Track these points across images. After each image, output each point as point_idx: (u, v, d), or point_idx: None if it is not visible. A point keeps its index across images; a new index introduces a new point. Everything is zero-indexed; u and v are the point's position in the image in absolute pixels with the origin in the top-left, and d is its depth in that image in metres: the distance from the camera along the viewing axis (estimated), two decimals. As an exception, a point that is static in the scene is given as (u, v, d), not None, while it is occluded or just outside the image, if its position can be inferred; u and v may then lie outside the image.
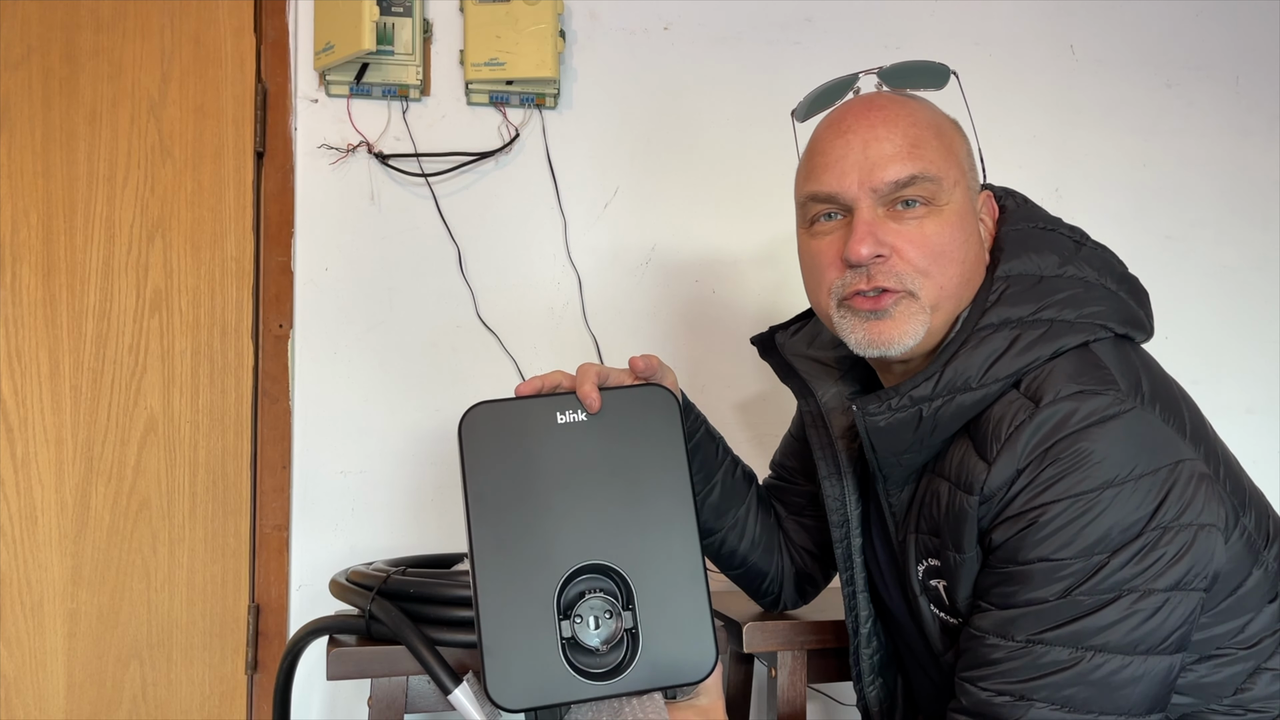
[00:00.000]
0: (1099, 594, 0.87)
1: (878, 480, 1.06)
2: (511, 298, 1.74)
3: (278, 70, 1.69)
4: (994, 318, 0.96)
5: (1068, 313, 0.96)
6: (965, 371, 0.95)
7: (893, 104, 1.02)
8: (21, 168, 1.62)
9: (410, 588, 1.17)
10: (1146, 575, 0.87)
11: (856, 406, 0.99)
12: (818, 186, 1.01)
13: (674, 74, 1.81)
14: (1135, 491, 0.88)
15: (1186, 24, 2.01)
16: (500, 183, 1.74)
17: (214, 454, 1.66)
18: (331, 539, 1.66)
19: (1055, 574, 0.89)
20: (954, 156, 1.01)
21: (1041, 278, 0.99)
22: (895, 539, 1.07)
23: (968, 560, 0.96)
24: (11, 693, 1.58)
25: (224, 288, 1.67)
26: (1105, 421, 0.90)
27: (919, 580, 1.03)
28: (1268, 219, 2.01)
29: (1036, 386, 0.93)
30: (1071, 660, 0.87)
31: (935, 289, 0.98)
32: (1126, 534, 0.88)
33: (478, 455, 1.06)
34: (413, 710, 1.24)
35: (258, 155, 1.69)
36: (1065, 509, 0.88)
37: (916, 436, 0.98)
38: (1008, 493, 0.91)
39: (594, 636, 0.94)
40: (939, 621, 1.02)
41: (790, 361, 1.19)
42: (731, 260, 1.81)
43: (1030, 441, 0.91)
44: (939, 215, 0.98)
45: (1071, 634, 0.88)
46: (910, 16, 1.89)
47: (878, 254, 0.97)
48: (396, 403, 1.69)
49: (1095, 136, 1.95)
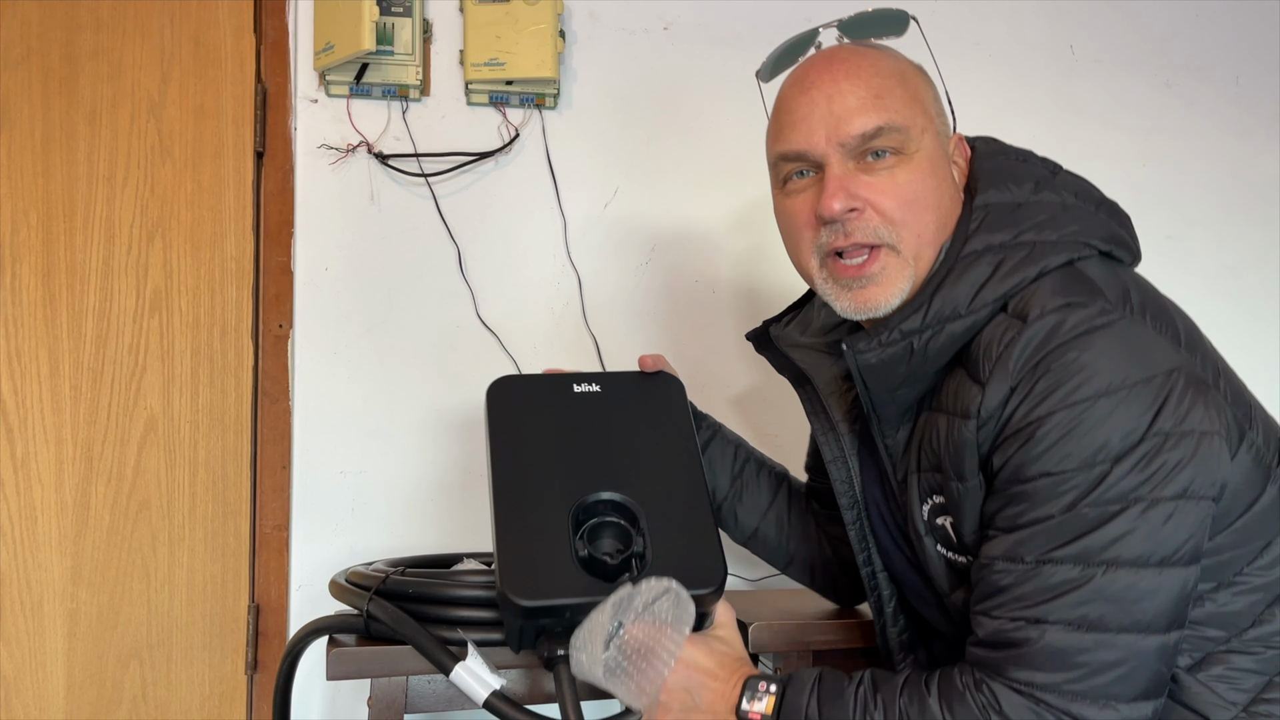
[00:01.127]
0: (1104, 505, 0.86)
1: (872, 422, 1.05)
2: (511, 298, 1.74)
3: (278, 70, 1.69)
4: (976, 245, 0.97)
5: (1048, 234, 0.97)
6: (953, 300, 0.95)
7: (854, 55, 1.02)
8: (21, 168, 1.62)
9: (409, 588, 1.17)
10: (1151, 483, 0.86)
11: (847, 345, 0.99)
12: (786, 145, 1.02)
13: (674, 74, 1.81)
14: (1130, 399, 0.87)
15: (1186, 24, 2.01)
16: (500, 183, 1.74)
17: (214, 454, 1.66)
18: (331, 539, 1.66)
19: (1058, 488, 0.88)
20: (920, 103, 1.02)
21: (1019, 204, 0.99)
22: (894, 479, 1.06)
23: (970, 489, 0.95)
24: (11, 693, 1.58)
25: (224, 288, 1.67)
26: (1094, 331, 0.90)
27: (924, 521, 1.02)
28: (1268, 219, 2.01)
29: (1023, 305, 0.93)
30: (1083, 578, 0.86)
31: (913, 238, 0.98)
32: (1126, 441, 0.87)
33: (501, 413, 1.12)
34: (413, 710, 1.24)
35: (258, 155, 1.69)
36: (1062, 420, 0.88)
37: (909, 370, 0.98)
38: (1003, 412, 0.91)
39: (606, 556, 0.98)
40: (945, 561, 1.01)
41: (785, 353, 1.20)
42: (732, 260, 1.81)
43: (1021, 357, 0.90)
44: (909, 163, 0.99)
45: (1080, 550, 0.87)
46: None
47: (851, 207, 0.97)
48: (396, 403, 1.69)
49: (1095, 136, 1.95)
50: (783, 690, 0.95)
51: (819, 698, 0.94)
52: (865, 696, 0.93)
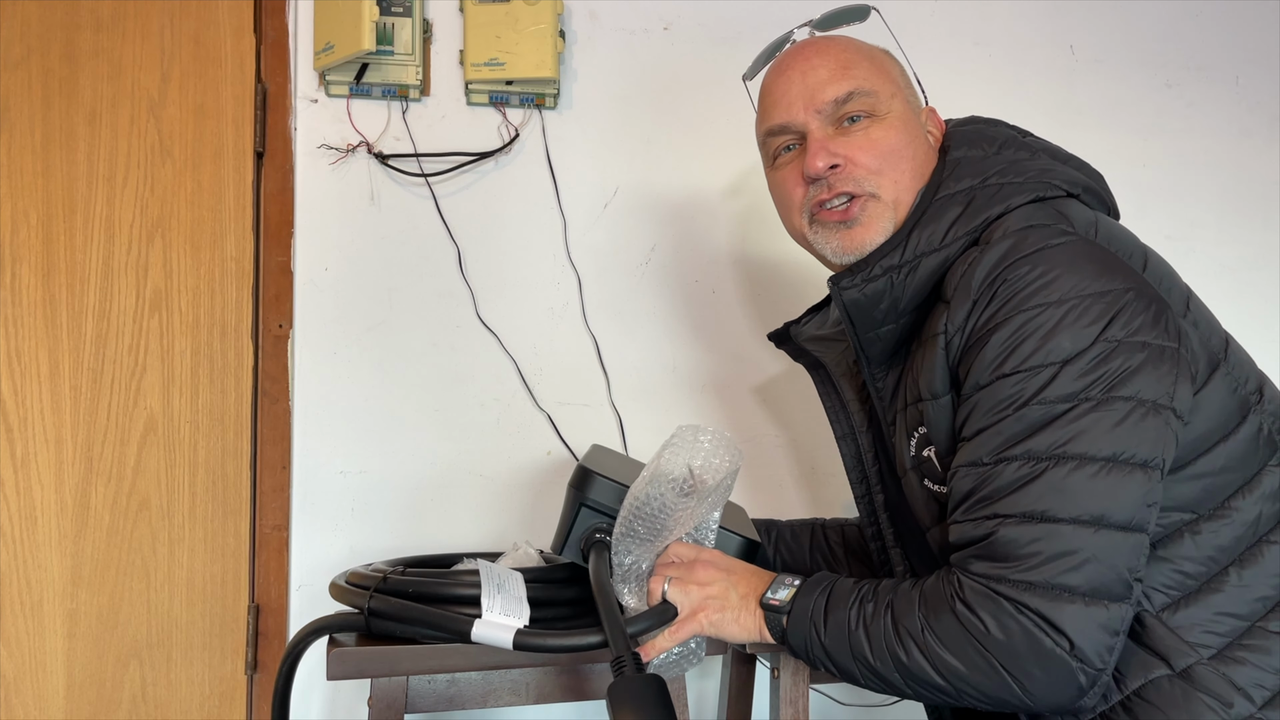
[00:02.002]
0: (1051, 404, 0.91)
1: (863, 366, 1.13)
2: (511, 298, 1.74)
3: (277, 70, 1.69)
4: (949, 188, 1.06)
5: (1013, 176, 1.05)
6: (929, 236, 1.04)
7: (823, 40, 1.16)
8: (21, 168, 1.62)
9: (409, 587, 1.17)
10: (1099, 385, 0.91)
11: (830, 282, 1.08)
12: (771, 121, 1.13)
13: (674, 74, 1.81)
14: (1083, 308, 0.93)
15: (1186, 24, 2.01)
16: (500, 183, 1.74)
17: (214, 454, 1.66)
18: (331, 539, 1.66)
19: (1009, 390, 0.93)
20: (886, 73, 1.12)
21: (989, 156, 1.08)
22: (885, 423, 1.13)
23: (942, 406, 1.01)
24: (11, 693, 1.57)
25: (224, 288, 1.67)
26: (1051, 248, 0.96)
27: (912, 457, 1.08)
28: (1268, 219, 2.01)
29: (990, 232, 1.01)
30: (1033, 472, 0.91)
31: (892, 185, 1.07)
32: (1076, 345, 0.92)
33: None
34: (413, 710, 1.24)
35: (258, 155, 1.69)
36: (1014, 324, 0.93)
37: (890, 303, 1.05)
38: (967, 323, 0.98)
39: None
40: (929, 494, 1.06)
41: (803, 346, 1.29)
42: (732, 260, 1.81)
43: (981, 273, 0.97)
44: (883, 122, 1.09)
45: (1030, 447, 0.91)
46: (910, 16, 1.89)
47: (833, 164, 1.07)
48: (396, 403, 1.69)
49: (1095, 136, 1.95)
50: (802, 583, 1.04)
51: (831, 591, 1.02)
52: (867, 590, 1.00)
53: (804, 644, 1.01)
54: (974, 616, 0.91)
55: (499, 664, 1.21)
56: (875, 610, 0.97)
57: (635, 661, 1.00)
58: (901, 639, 0.95)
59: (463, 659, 1.18)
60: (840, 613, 0.99)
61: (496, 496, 1.71)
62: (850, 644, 0.98)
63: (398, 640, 1.19)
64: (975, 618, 0.91)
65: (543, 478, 1.73)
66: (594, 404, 1.75)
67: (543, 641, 1.07)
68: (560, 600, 1.22)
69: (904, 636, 0.95)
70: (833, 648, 0.99)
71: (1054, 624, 0.88)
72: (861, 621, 0.98)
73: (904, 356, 1.10)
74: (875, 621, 0.97)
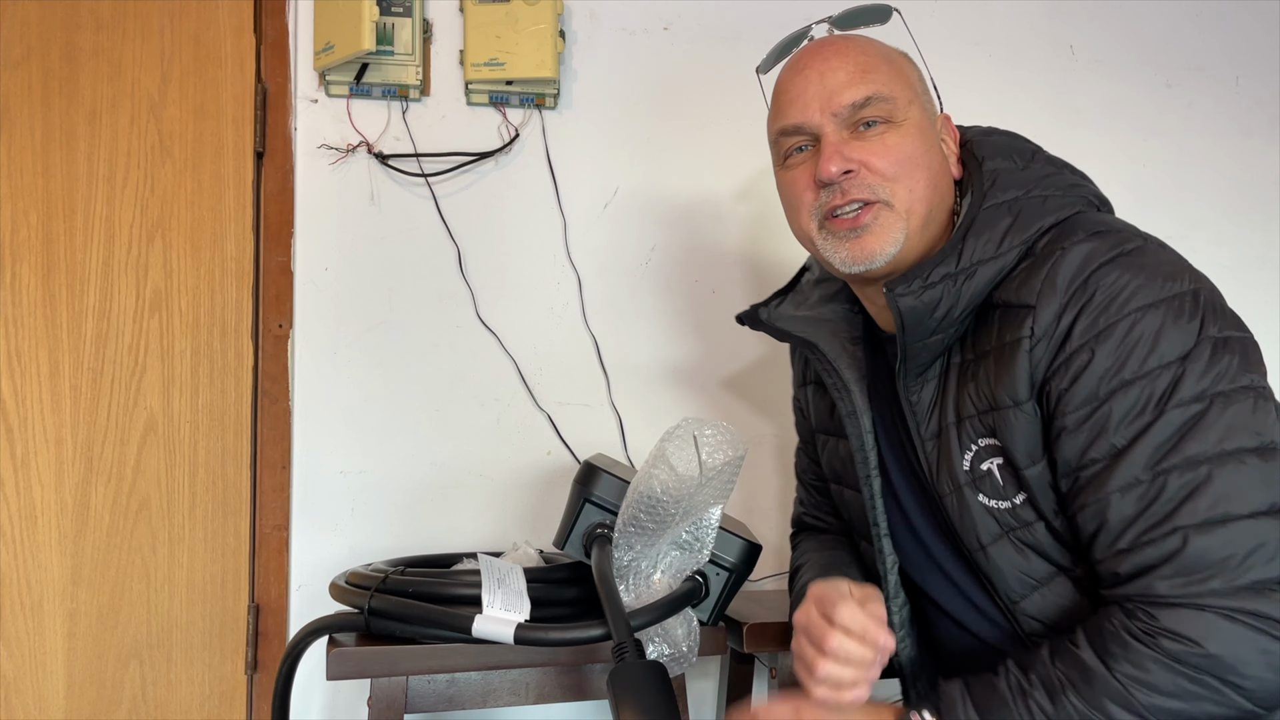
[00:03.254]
0: (1188, 405, 0.91)
1: (899, 376, 1.09)
2: (511, 298, 1.74)
3: (278, 70, 1.69)
4: (995, 198, 1.05)
5: (1053, 190, 1.06)
6: (985, 244, 1.02)
7: (843, 40, 1.13)
8: (21, 168, 1.62)
9: (409, 587, 1.17)
10: (1224, 379, 0.91)
11: (886, 288, 1.04)
12: (785, 120, 1.10)
13: (674, 74, 1.81)
14: (1176, 307, 0.93)
15: (1186, 24, 2.01)
16: (500, 183, 1.74)
17: (214, 454, 1.66)
18: (331, 539, 1.66)
19: (1138, 395, 0.92)
20: (905, 78, 1.10)
21: (1024, 167, 1.08)
22: (919, 436, 1.09)
23: (1025, 413, 0.98)
24: (11, 693, 1.57)
25: (224, 288, 1.67)
26: (1129, 253, 0.97)
27: (966, 471, 1.04)
28: (1268, 219, 2.01)
29: (1052, 240, 1.01)
30: (1198, 477, 0.89)
31: (906, 194, 1.05)
32: (1186, 343, 0.92)
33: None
34: (413, 710, 1.24)
35: (258, 155, 1.69)
36: (1123, 332, 0.93)
37: (945, 311, 1.03)
38: (1058, 326, 0.96)
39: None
40: (986, 510, 1.03)
41: (782, 328, 1.24)
42: (732, 260, 1.81)
43: (1066, 275, 0.96)
44: (899, 129, 1.06)
45: (1186, 455, 0.90)
46: (910, 16, 1.88)
47: (846, 169, 1.05)
48: (396, 403, 1.69)
49: (1095, 136, 1.95)
50: (937, 711, 0.96)
51: (974, 702, 0.95)
52: (1018, 683, 0.94)
53: None
54: (1183, 643, 0.87)
55: (499, 664, 1.21)
56: (1050, 695, 0.91)
57: (637, 648, 0.99)
58: (1104, 709, 0.89)
59: (462, 659, 1.18)
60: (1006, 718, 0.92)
61: (496, 496, 1.71)
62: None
63: (398, 640, 1.19)
64: (1185, 643, 0.87)
65: (543, 478, 1.73)
66: (594, 404, 1.75)
67: (544, 635, 1.07)
68: (560, 599, 1.22)
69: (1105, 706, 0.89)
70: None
71: (1273, 618, 0.86)
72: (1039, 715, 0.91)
73: (941, 369, 1.08)
74: (1059, 707, 0.90)
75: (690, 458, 1.10)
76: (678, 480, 1.09)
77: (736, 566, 1.24)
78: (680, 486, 1.09)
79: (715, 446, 1.12)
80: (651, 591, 1.16)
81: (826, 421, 1.29)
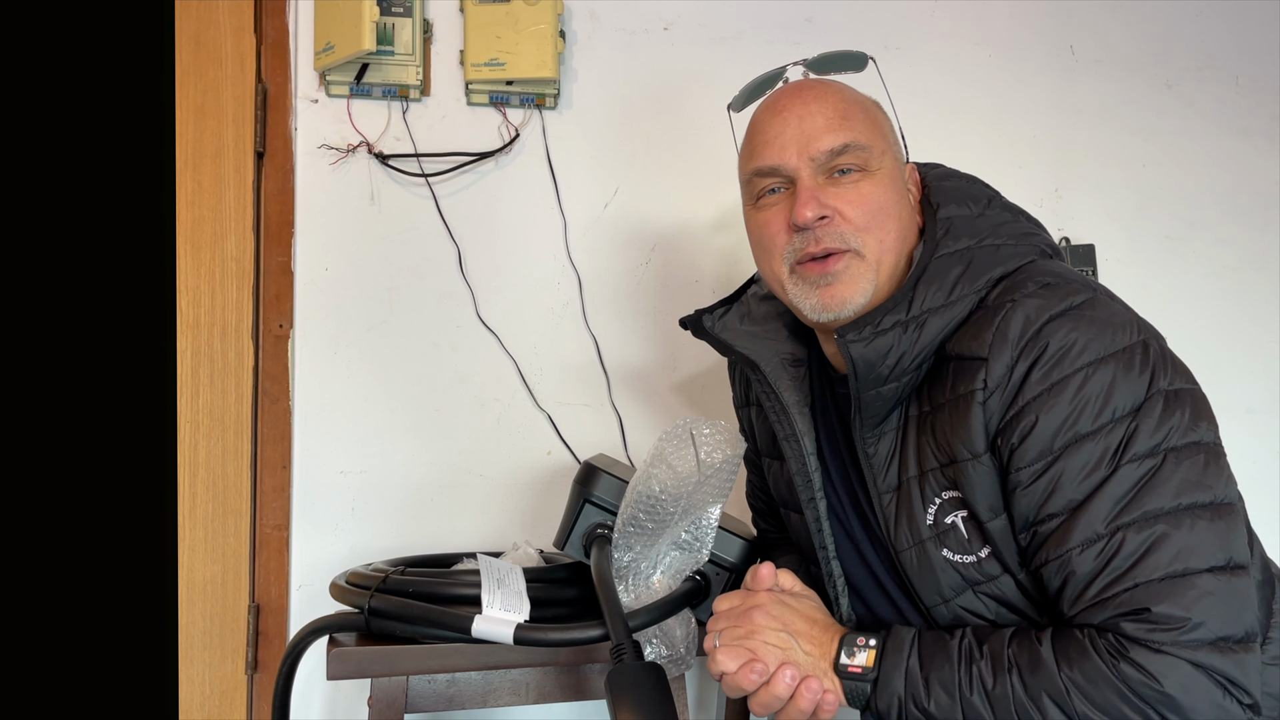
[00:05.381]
0: (1142, 460, 0.92)
1: (855, 425, 1.08)
2: (511, 298, 1.74)
3: (278, 70, 1.69)
4: (947, 247, 1.05)
5: (1006, 239, 1.07)
6: (935, 293, 1.02)
7: (820, 85, 1.13)
8: (22, 168, 1.62)
9: (409, 587, 1.17)
10: (1175, 434, 0.93)
11: (838, 335, 1.04)
12: (760, 162, 1.10)
13: (674, 74, 1.81)
14: (1126, 361, 0.94)
15: (1186, 24, 2.00)
16: (500, 183, 1.74)
17: (214, 454, 1.66)
18: (331, 539, 1.67)
19: (1093, 450, 0.93)
20: (879, 128, 1.10)
21: (978, 215, 1.09)
22: (876, 490, 1.08)
23: (982, 464, 0.99)
24: (11, 693, 1.58)
25: (224, 288, 1.67)
26: (1080, 306, 0.97)
27: (929, 525, 1.04)
28: (1267, 219, 2.01)
29: (1003, 292, 1.01)
30: (1156, 532, 0.90)
31: (877, 244, 1.06)
32: (1136, 397, 0.93)
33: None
34: (413, 710, 1.25)
35: (258, 155, 1.69)
36: (1076, 387, 0.94)
37: (895, 360, 1.03)
38: (1010, 378, 0.96)
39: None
40: (950, 565, 1.03)
41: (725, 340, 1.22)
42: (732, 260, 1.81)
43: (1017, 328, 0.97)
44: (873, 178, 1.07)
45: (1148, 506, 0.91)
46: (910, 16, 1.89)
47: (821, 215, 1.05)
48: (396, 403, 1.69)
49: (1095, 136, 1.95)
50: (883, 644, 0.99)
51: (920, 651, 0.97)
52: (970, 648, 0.96)
53: (899, 714, 0.96)
54: (1142, 674, 0.88)
55: (499, 664, 1.22)
56: (994, 670, 0.93)
57: (635, 649, 1.00)
58: (1038, 702, 0.91)
59: (463, 659, 1.18)
60: (945, 674, 0.95)
61: (496, 496, 1.72)
62: (964, 710, 0.93)
63: (398, 640, 1.19)
64: (1144, 675, 0.88)
65: (543, 478, 1.73)
66: (594, 404, 1.75)
67: (543, 635, 1.07)
68: (560, 600, 1.22)
69: (1040, 699, 0.91)
70: (940, 715, 0.94)
71: (1235, 681, 0.88)
72: (977, 684, 0.93)
73: (900, 422, 1.07)
74: (999, 683, 0.92)
75: (689, 456, 1.10)
76: (676, 479, 1.09)
77: (737, 566, 1.24)
78: (679, 485, 1.10)
79: (713, 445, 1.12)
80: (651, 592, 1.16)
81: (770, 445, 1.27)
